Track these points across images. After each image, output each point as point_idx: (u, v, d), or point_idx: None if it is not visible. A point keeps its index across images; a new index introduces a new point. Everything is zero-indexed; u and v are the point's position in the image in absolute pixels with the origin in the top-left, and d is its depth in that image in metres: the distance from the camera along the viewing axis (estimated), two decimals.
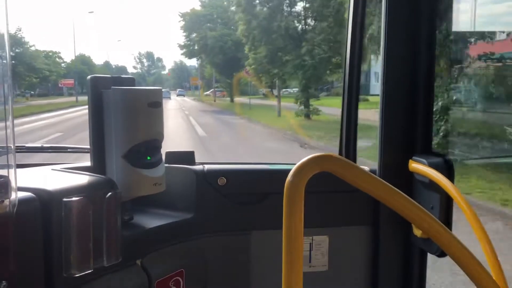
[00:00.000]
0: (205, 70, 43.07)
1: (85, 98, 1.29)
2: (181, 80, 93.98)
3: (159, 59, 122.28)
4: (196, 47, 31.75)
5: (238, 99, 30.87)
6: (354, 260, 1.62)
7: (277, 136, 13.95)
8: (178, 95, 58.68)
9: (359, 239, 1.61)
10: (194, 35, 31.53)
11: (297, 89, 20.54)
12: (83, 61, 64.06)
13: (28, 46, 35.81)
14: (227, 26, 29.45)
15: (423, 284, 1.56)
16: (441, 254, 1.35)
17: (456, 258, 0.72)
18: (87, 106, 1.25)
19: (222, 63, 29.07)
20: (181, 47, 32.95)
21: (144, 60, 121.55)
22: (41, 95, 41.46)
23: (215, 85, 39.14)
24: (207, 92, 50.15)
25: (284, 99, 22.11)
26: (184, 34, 32.36)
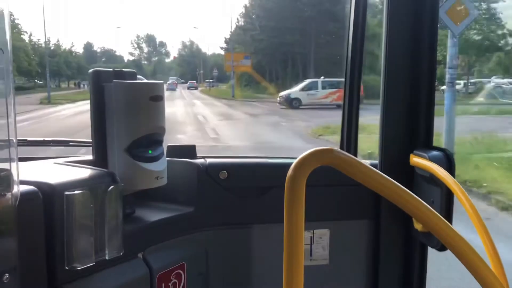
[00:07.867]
0: None
1: None
2: (192, 67, 75.81)
3: (162, 44, 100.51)
4: None
5: None
6: (354, 254, 1.62)
7: None
8: (189, 87, 48.10)
9: (359, 233, 1.61)
10: None
11: None
12: None
13: None
14: None
15: (424, 277, 1.56)
16: (441, 248, 1.35)
17: (456, 252, 0.72)
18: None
19: None
20: None
21: (144, 45, 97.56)
22: None
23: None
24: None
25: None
26: None
